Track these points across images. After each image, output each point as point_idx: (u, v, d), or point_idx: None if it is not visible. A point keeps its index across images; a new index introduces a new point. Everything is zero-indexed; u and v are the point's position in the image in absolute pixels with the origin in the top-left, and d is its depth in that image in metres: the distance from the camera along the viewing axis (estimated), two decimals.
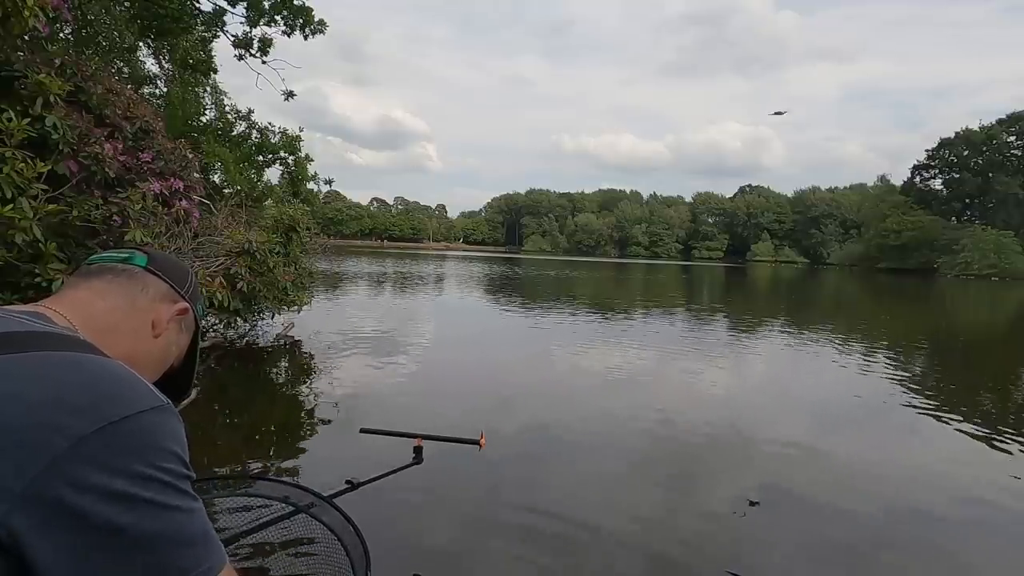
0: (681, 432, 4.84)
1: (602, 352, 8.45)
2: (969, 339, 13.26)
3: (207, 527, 0.65)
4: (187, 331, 0.90)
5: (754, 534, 3.16)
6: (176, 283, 0.86)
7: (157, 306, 0.82)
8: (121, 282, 0.81)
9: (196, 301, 0.90)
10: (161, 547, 0.58)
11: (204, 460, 3.83)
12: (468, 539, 2.97)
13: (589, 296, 19.09)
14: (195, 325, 0.92)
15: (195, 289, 0.90)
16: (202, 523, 0.64)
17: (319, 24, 11.23)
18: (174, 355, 0.88)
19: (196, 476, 0.66)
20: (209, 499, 1.40)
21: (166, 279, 0.85)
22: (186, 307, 0.86)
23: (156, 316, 0.82)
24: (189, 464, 0.66)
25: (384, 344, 7.97)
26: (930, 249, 62.63)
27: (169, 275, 0.85)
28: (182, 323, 0.87)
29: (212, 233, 6.85)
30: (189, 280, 0.89)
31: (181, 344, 0.89)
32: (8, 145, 3.90)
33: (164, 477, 0.60)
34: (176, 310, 0.85)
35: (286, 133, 13.30)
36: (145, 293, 0.82)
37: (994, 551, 3.15)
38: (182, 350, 0.91)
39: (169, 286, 0.85)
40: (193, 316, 0.90)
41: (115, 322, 0.78)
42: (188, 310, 0.87)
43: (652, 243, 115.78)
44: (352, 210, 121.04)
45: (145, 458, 0.60)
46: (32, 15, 4.07)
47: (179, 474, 0.63)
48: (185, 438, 0.67)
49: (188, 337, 0.91)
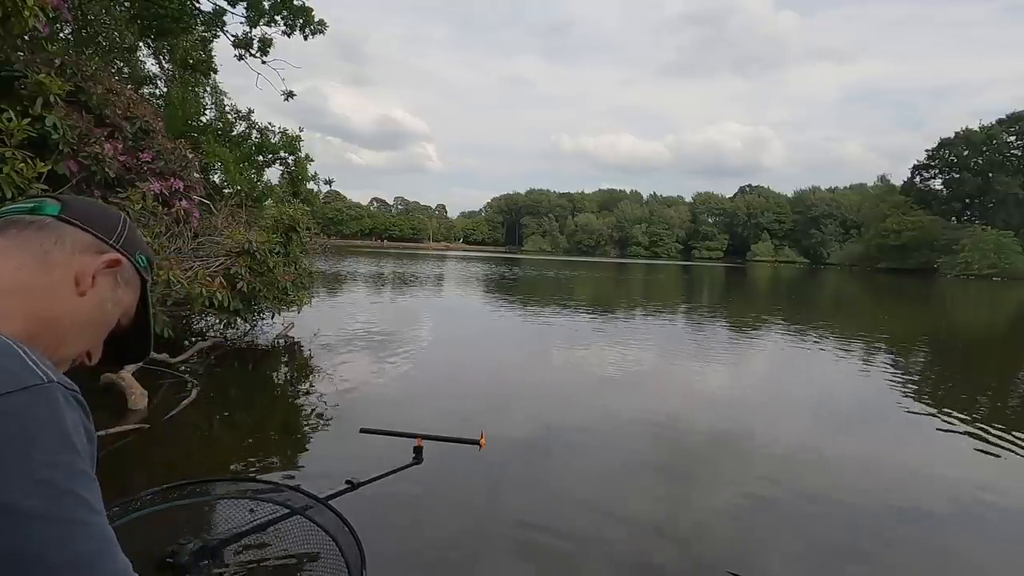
0: (681, 432, 4.84)
1: (602, 352, 8.45)
2: (969, 339, 13.27)
3: (102, 547, 0.53)
4: (128, 286, 0.78)
5: (755, 534, 3.16)
6: (101, 232, 0.74)
7: (78, 259, 0.71)
8: (28, 236, 0.70)
9: (134, 251, 0.78)
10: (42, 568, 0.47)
11: (204, 460, 3.84)
12: (468, 539, 2.96)
13: (589, 296, 19.09)
14: (140, 279, 0.81)
15: (131, 238, 0.78)
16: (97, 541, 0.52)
17: (319, 24, 11.23)
18: (114, 314, 0.77)
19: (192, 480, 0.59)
20: (205, 500, 1.40)
21: (87, 228, 0.73)
22: (117, 258, 0.75)
23: (79, 270, 0.71)
24: (87, 458, 0.54)
25: (384, 344, 7.97)
26: (930, 249, 62.63)
27: (91, 223, 0.74)
28: (117, 277, 0.76)
29: (212, 233, 6.85)
30: (120, 228, 0.77)
31: (123, 301, 0.78)
32: (8, 145, 3.90)
33: (48, 475, 0.50)
34: (104, 262, 0.73)
35: (286, 133, 13.31)
36: (60, 245, 0.70)
37: (994, 551, 3.15)
38: (127, 308, 0.80)
39: (92, 235, 0.73)
40: (135, 269, 0.79)
41: (24, 281, 0.67)
42: (120, 261, 0.75)
43: (652, 243, 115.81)
44: (352, 210, 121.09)
45: (17, 456, 0.49)
46: (32, 15, 4.07)
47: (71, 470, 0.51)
48: (81, 425, 0.56)
49: (132, 293, 0.80)
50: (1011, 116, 67.97)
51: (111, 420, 4.05)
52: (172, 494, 1.33)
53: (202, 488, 1.39)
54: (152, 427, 4.12)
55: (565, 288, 22.06)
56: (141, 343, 0.86)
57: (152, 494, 1.30)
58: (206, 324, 7.42)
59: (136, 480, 3.46)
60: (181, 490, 1.35)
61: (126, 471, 3.55)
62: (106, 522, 0.55)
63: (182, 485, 1.36)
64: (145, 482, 3.36)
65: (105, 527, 0.54)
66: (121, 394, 4.49)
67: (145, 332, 0.85)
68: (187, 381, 5.26)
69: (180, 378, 5.34)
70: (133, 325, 0.83)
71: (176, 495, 1.33)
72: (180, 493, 1.34)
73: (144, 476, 3.56)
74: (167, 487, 1.33)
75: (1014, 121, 67.54)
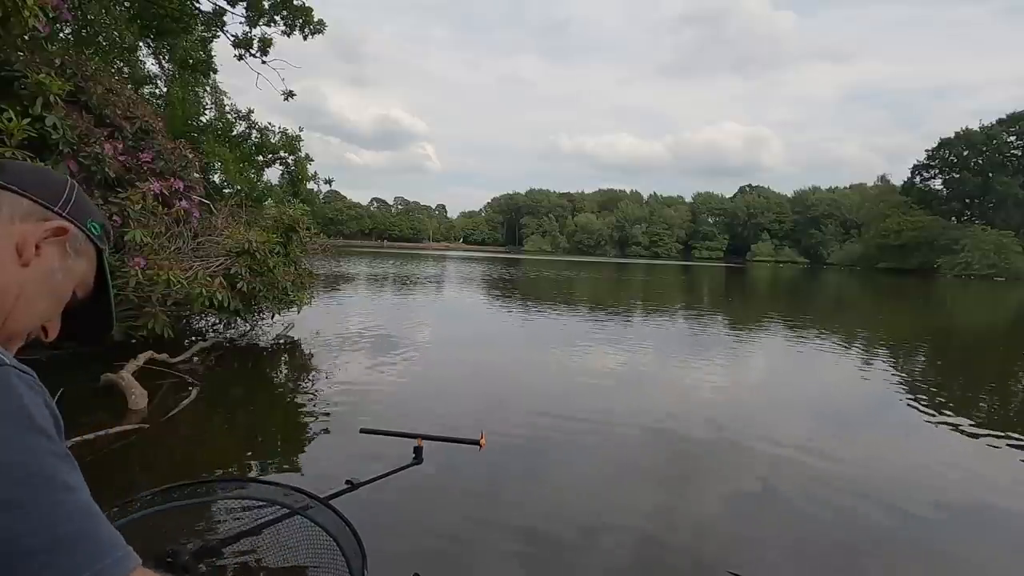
0: (681, 432, 4.84)
1: (602, 352, 8.44)
2: (968, 339, 13.26)
3: (86, 522, 0.51)
4: (79, 255, 0.74)
5: (755, 534, 3.15)
6: (42, 198, 0.70)
7: (18, 227, 0.67)
8: None
9: (84, 219, 0.74)
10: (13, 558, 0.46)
11: (204, 460, 3.83)
12: (468, 539, 2.96)
13: (589, 296, 19.09)
14: (95, 247, 0.77)
15: (78, 204, 0.74)
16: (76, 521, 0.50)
17: (318, 24, 11.25)
18: (65, 285, 0.73)
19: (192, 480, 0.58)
20: (206, 501, 1.40)
21: (26, 194, 0.69)
22: (63, 225, 0.71)
23: (19, 239, 0.67)
24: (54, 438, 0.53)
25: (384, 344, 7.97)
26: (930, 249, 62.56)
27: (31, 189, 0.69)
28: (66, 245, 0.72)
29: (212, 233, 6.85)
30: (65, 193, 0.73)
31: (75, 271, 0.74)
32: (8, 145, 3.90)
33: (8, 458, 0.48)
34: (48, 229, 0.69)
35: (286, 133, 13.33)
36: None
37: (994, 551, 3.15)
38: (81, 279, 0.76)
39: (33, 202, 0.69)
40: (87, 237, 0.75)
41: None
42: (67, 229, 0.71)
43: (652, 243, 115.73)
44: (352, 210, 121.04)
45: None
46: (32, 15, 4.07)
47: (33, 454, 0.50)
48: (43, 404, 0.54)
49: (87, 263, 0.76)
50: (1011, 116, 67.89)
51: (111, 420, 4.05)
52: (173, 494, 1.33)
53: (203, 489, 1.39)
54: (152, 427, 4.12)
55: (565, 288, 22.06)
56: (102, 317, 0.82)
57: (152, 494, 1.30)
58: (206, 324, 7.42)
59: (136, 480, 3.47)
60: (182, 490, 1.35)
61: (126, 471, 3.54)
62: (84, 497, 0.53)
63: (183, 485, 1.36)
64: (145, 482, 3.36)
65: (83, 503, 0.52)
66: (121, 394, 4.49)
67: (105, 305, 0.81)
68: (187, 381, 5.26)
69: (180, 378, 5.33)
70: (92, 298, 0.79)
71: (177, 495, 1.34)
72: (181, 493, 1.34)
73: (144, 476, 3.56)
74: (168, 487, 1.33)
75: (1014, 121, 67.48)
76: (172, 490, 1.34)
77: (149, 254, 5.34)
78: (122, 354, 5.06)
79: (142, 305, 5.41)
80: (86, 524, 0.51)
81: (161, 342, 5.59)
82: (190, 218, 6.18)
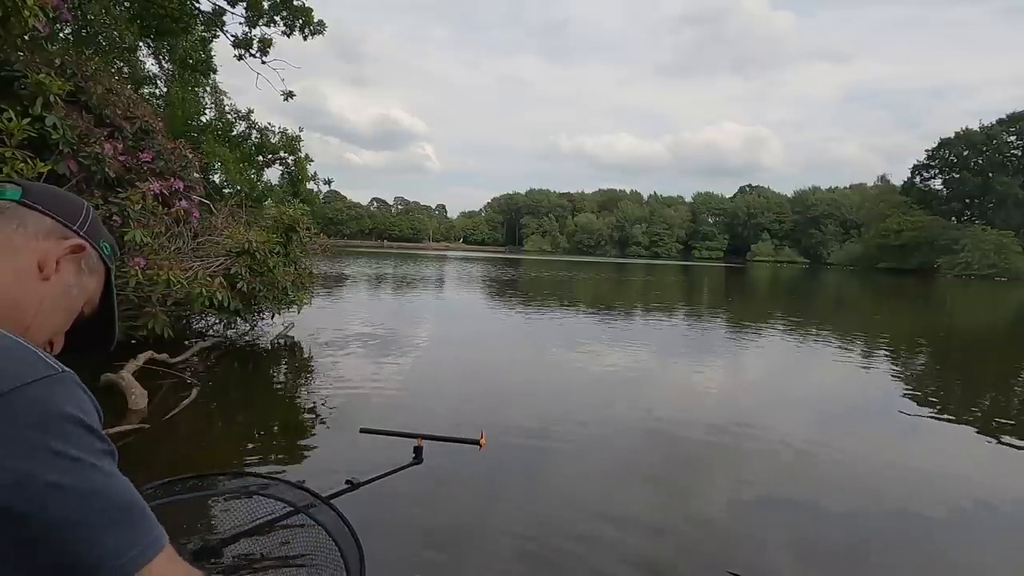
0: (681, 432, 4.84)
1: (602, 352, 8.45)
2: (968, 339, 13.27)
3: (132, 505, 0.60)
4: (92, 273, 0.80)
5: (755, 534, 3.16)
6: (64, 217, 0.76)
7: (41, 244, 0.72)
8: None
9: (97, 238, 0.80)
10: (71, 533, 0.54)
11: (204, 460, 3.83)
12: (468, 539, 2.96)
13: (589, 296, 19.09)
14: (104, 266, 0.82)
15: (93, 225, 0.80)
16: (125, 500, 0.59)
17: (318, 24, 11.24)
18: (79, 300, 0.79)
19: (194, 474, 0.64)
20: (206, 497, 1.40)
21: (49, 213, 0.74)
22: (80, 244, 0.76)
23: (42, 256, 0.72)
24: (103, 435, 0.60)
25: (384, 344, 7.97)
26: (930, 249, 62.54)
27: (53, 208, 0.75)
28: (81, 263, 0.77)
29: (212, 233, 6.86)
30: (83, 214, 0.79)
31: (87, 287, 0.79)
32: (8, 145, 3.90)
33: (71, 452, 0.56)
34: (67, 247, 0.74)
35: (286, 133, 13.35)
36: (22, 230, 0.71)
37: (993, 551, 3.15)
38: (91, 296, 0.81)
39: (55, 220, 0.74)
40: (99, 256, 0.80)
41: None
42: (84, 247, 0.77)
43: (652, 243, 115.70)
44: (352, 210, 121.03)
45: (41, 436, 0.55)
46: (32, 15, 4.08)
47: (89, 448, 0.57)
48: (93, 407, 0.62)
49: (96, 281, 0.81)
50: (1011, 116, 67.88)
51: (111, 420, 4.05)
52: (175, 487, 1.33)
53: (204, 482, 1.40)
54: (152, 427, 4.12)
55: (565, 288, 22.06)
56: (105, 333, 0.87)
57: (154, 488, 1.30)
58: (206, 324, 7.42)
59: (136, 480, 3.44)
60: (184, 483, 1.35)
61: (126, 471, 3.53)
62: (125, 485, 0.61)
63: (184, 479, 1.36)
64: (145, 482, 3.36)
65: (122, 490, 0.60)
66: (121, 394, 4.50)
67: (110, 321, 0.86)
68: (187, 381, 5.26)
69: (180, 378, 5.34)
70: (97, 314, 0.84)
71: (179, 488, 1.34)
72: (183, 487, 1.35)
73: (144, 476, 3.51)
74: (170, 480, 1.33)
75: (1014, 121, 67.47)
76: (174, 483, 1.34)
77: (149, 254, 5.34)
78: (122, 354, 5.06)
79: (142, 305, 5.41)
80: (134, 505, 0.60)
81: (161, 342, 5.59)
82: (190, 218, 6.18)
